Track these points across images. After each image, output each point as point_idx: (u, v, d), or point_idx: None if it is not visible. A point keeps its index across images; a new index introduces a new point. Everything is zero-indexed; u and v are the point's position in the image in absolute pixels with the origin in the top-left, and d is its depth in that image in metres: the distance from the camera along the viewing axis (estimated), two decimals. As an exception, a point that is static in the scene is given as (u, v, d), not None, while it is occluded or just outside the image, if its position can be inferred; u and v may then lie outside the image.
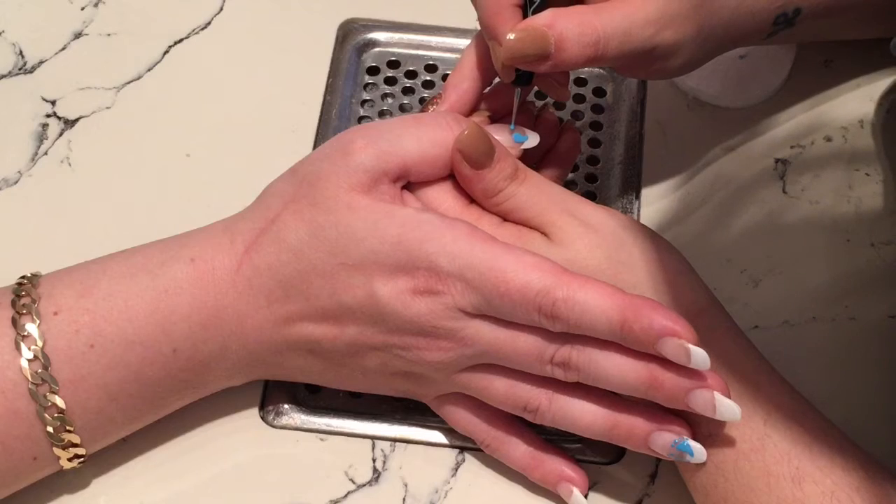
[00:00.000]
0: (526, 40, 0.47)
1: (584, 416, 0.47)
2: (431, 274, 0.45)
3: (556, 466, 0.49)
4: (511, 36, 0.47)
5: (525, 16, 0.49)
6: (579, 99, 0.64)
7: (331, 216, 0.46)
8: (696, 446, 0.46)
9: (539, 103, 0.53)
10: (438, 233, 0.46)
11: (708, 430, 0.46)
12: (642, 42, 0.49)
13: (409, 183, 0.49)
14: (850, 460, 0.45)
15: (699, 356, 0.43)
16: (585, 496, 0.49)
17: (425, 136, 0.48)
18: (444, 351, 0.47)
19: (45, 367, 0.46)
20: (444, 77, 0.64)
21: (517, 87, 0.51)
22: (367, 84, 0.65)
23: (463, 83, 0.52)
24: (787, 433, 0.45)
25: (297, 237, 0.47)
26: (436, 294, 0.45)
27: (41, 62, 0.64)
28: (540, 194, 0.49)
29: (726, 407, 0.44)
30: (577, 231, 0.48)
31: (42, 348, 0.46)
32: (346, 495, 0.51)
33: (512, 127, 0.51)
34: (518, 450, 0.50)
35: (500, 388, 0.48)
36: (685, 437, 0.46)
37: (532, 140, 0.51)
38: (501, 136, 0.50)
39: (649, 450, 0.46)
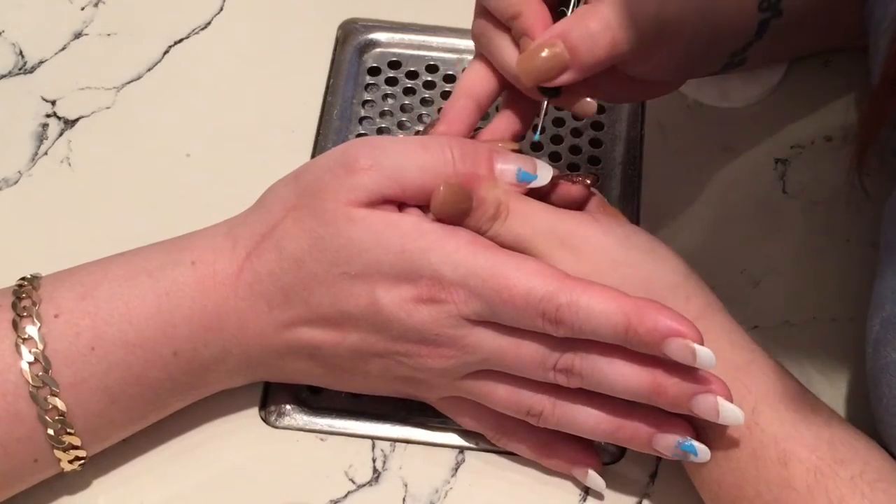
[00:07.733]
0: (545, 59, 0.47)
1: (588, 420, 0.47)
2: (435, 282, 0.45)
3: (568, 452, 0.50)
4: (528, 55, 0.48)
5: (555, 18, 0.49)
6: (579, 99, 0.64)
7: (331, 228, 0.46)
8: (699, 446, 0.46)
9: (577, 179, 0.51)
10: (441, 242, 0.45)
11: (701, 422, 0.46)
12: (650, 20, 0.48)
13: None
14: (836, 435, 0.45)
15: (705, 356, 0.43)
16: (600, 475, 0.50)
17: (429, 167, 0.47)
18: (446, 358, 0.47)
19: (46, 370, 0.46)
20: (445, 77, 0.65)
21: (546, 99, 0.50)
22: (368, 84, 0.65)
23: (459, 101, 0.51)
24: (775, 416, 0.45)
25: (298, 246, 0.47)
26: (439, 302, 0.45)
27: (41, 62, 0.64)
28: (524, 228, 0.47)
29: (729, 411, 0.44)
30: (567, 261, 0.47)
31: (43, 351, 0.46)
32: (346, 495, 0.51)
33: (536, 137, 0.50)
34: (529, 439, 0.50)
35: (503, 395, 0.48)
36: (689, 438, 0.46)
37: (542, 178, 0.49)
38: (508, 165, 0.48)
39: (654, 451, 0.47)
